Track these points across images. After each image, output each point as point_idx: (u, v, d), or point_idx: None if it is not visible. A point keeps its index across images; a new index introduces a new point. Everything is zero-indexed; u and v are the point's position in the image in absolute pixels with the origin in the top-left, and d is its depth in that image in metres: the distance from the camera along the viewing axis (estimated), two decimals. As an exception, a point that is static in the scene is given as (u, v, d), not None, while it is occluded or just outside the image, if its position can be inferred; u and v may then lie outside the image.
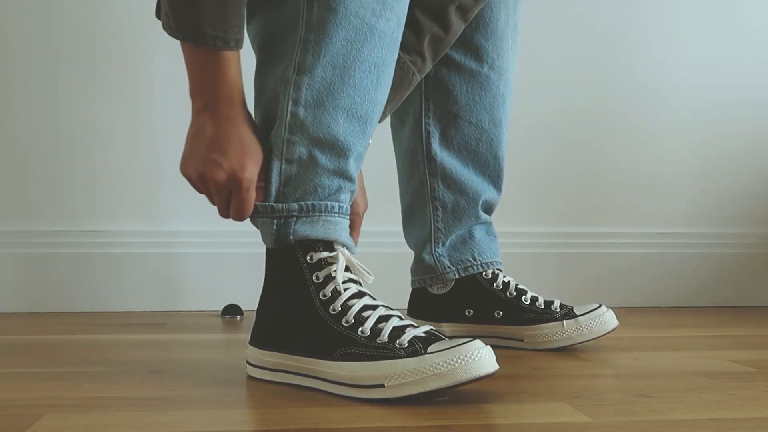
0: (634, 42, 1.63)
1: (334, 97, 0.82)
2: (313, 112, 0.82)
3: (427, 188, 1.11)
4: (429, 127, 1.10)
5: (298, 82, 0.82)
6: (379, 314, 0.81)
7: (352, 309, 0.81)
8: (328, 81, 0.82)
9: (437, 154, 1.10)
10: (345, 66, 0.82)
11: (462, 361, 0.73)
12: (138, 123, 1.48)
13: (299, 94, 0.82)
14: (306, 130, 0.83)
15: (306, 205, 0.84)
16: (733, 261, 1.65)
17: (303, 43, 0.82)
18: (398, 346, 0.76)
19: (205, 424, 0.69)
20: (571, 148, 1.61)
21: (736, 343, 1.16)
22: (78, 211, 1.48)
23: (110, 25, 1.48)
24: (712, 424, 0.70)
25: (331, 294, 0.82)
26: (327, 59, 0.82)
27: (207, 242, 1.48)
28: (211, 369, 0.93)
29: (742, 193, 1.68)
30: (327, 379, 0.80)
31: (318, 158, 0.83)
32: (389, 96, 0.96)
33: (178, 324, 1.31)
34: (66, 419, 0.70)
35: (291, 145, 0.83)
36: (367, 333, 0.79)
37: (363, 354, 0.77)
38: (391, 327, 0.79)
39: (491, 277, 1.10)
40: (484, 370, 0.74)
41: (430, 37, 1.01)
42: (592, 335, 1.05)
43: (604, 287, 1.60)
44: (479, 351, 0.74)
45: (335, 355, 0.79)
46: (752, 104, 1.67)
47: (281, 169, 0.84)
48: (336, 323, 0.80)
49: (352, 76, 0.83)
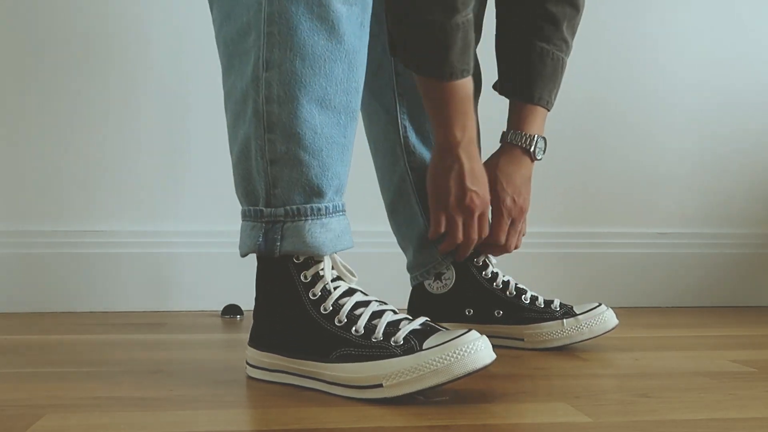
0: (635, 42, 1.63)
1: (306, 90, 0.81)
2: (288, 107, 0.81)
3: (409, 182, 1.11)
4: (404, 122, 1.11)
5: (269, 80, 0.81)
6: (372, 310, 0.81)
7: (344, 308, 0.80)
8: (298, 73, 0.80)
9: (416, 147, 1.11)
10: (314, 56, 0.80)
11: (458, 355, 0.73)
12: (138, 123, 1.48)
13: (271, 91, 0.81)
14: (284, 126, 0.81)
15: (292, 209, 0.83)
16: (733, 261, 1.65)
17: (267, 37, 0.80)
18: (394, 344, 0.76)
19: (205, 424, 0.68)
20: (571, 147, 1.61)
21: (736, 343, 1.16)
22: (78, 211, 1.48)
23: (110, 25, 1.48)
24: (712, 424, 0.70)
25: (321, 293, 0.82)
26: (294, 51, 0.80)
27: (207, 242, 1.48)
28: (211, 369, 0.93)
29: (742, 193, 1.68)
30: (325, 380, 0.80)
31: (300, 155, 0.82)
32: (549, 85, 1.11)
33: (178, 324, 1.31)
34: (66, 419, 0.70)
35: (272, 144, 0.82)
36: (362, 332, 0.79)
37: (359, 354, 0.77)
38: (386, 323, 0.79)
39: (491, 277, 1.10)
40: (480, 362, 0.74)
41: (567, 21, 1.09)
42: (592, 334, 1.05)
43: (604, 287, 1.60)
44: (475, 343, 0.74)
45: (331, 356, 0.79)
46: (752, 104, 1.67)
47: (268, 170, 0.83)
48: (329, 324, 0.80)
49: (322, 66, 0.81)
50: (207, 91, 1.48)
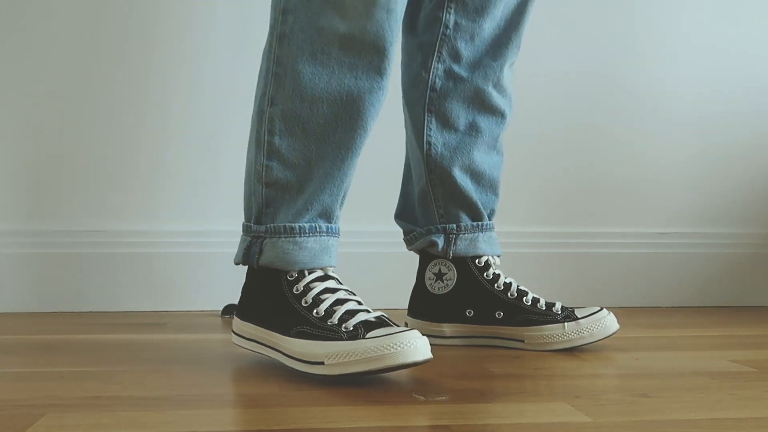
0: (636, 42, 1.63)
1: (304, 127, 0.91)
2: (286, 140, 0.92)
3: (431, 199, 1.12)
4: (430, 138, 1.11)
5: (272, 114, 0.92)
6: (336, 298, 0.89)
7: (312, 291, 0.90)
8: (297, 112, 0.91)
9: (436, 164, 1.11)
10: (313, 98, 0.90)
11: (393, 348, 0.80)
12: (139, 122, 1.48)
13: (273, 125, 0.92)
14: (282, 157, 0.92)
15: (271, 227, 0.93)
16: (733, 261, 1.65)
17: (275, 77, 0.92)
18: (343, 329, 0.85)
19: (205, 424, 0.69)
20: (572, 147, 1.61)
21: (736, 343, 1.16)
22: (78, 211, 1.48)
23: (111, 23, 1.48)
24: (712, 424, 0.70)
25: (297, 275, 0.92)
26: (296, 92, 0.90)
27: (207, 242, 1.48)
28: (211, 369, 0.93)
29: (743, 193, 1.68)
30: (283, 353, 0.89)
31: (292, 183, 0.92)
32: None
33: (178, 324, 1.31)
34: (66, 419, 0.70)
35: (269, 170, 0.93)
36: (321, 314, 0.87)
37: (312, 333, 0.86)
38: (344, 310, 0.87)
39: (492, 278, 1.10)
40: (411, 357, 0.81)
41: None
42: (593, 338, 1.05)
43: (604, 287, 1.60)
44: (414, 341, 0.81)
45: (291, 332, 0.88)
46: (753, 104, 1.67)
47: (263, 192, 0.93)
48: (296, 302, 0.90)
49: (320, 107, 0.91)
50: (208, 92, 1.48)
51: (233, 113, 1.46)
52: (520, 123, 1.58)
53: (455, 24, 1.08)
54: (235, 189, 1.02)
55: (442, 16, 1.08)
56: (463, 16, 1.08)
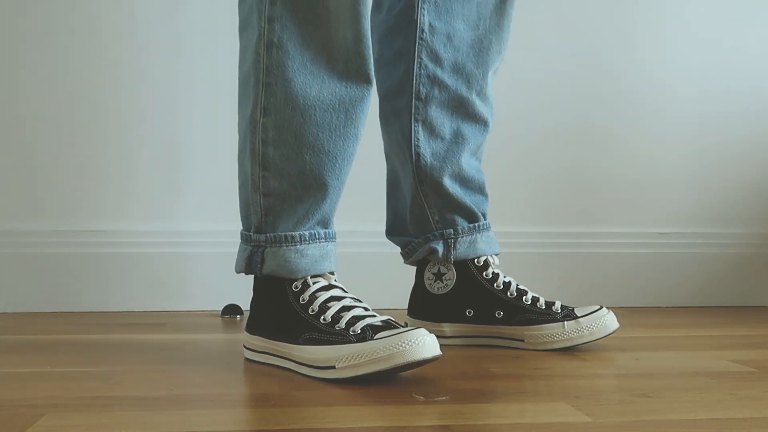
0: (636, 41, 1.63)
1: (297, 136, 0.91)
2: (281, 150, 0.92)
3: (425, 207, 1.12)
4: (418, 149, 1.10)
5: (265, 125, 0.92)
6: (343, 304, 0.91)
7: (318, 299, 0.91)
8: (289, 121, 0.91)
9: (426, 176, 1.10)
10: (305, 107, 0.91)
11: (402, 347, 0.81)
12: (140, 122, 1.48)
13: (267, 135, 0.92)
14: (277, 167, 0.93)
15: (272, 236, 0.94)
16: (733, 261, 1.65)
17: (265, 87, 0.91)
18: (351, 333, 0.86)
19: (205, 424, 0.69)
20: (571, 147, 1.61)
21: (736, 343, 1.16)
22: (78, 211, 1.48)
23: (114, 23, 1.48)
24: (712, 424, 0.70)
25: (301, 286, 0.93)
26: (287, 101, 0.91)
27: (207, 242, 1.48)
28: (211, 369, 0.93)
29: (742, 193, 1.68)
30: (295, 361, 0.90)
31: (289, 192, 0.93)
32: None
33: (178, 324, 1.31)
34: (66, 419, 0.70)
35: (266, 180, 0.93)
36: (329, 320, 0.89)
37: (321, 339, 0.88)
38: (351, 316, 0.88)
39: (491, 277, 1.10)
40: (421, 354, 0.81)
41: None
42: (593, 337, 1.05)
43: (604, 287, 1.60)
44: (422, 338, 0.82)
45: (300, 339, 0.90)
46: (754, 104, 1.67)
47: (261, 202, 0.94)
48: (303, 312, 0.91)
49: (312, 115, 0.91)
50: (208, 92, 1.48)
51: (233, 113, 1.45)
52: (520, 122, 1.58)
53: (430, 26, 1.08)
54: (235, 189, 1.01)
55: (417, 18, 1.08)
56: (436, 18, 1.08)
